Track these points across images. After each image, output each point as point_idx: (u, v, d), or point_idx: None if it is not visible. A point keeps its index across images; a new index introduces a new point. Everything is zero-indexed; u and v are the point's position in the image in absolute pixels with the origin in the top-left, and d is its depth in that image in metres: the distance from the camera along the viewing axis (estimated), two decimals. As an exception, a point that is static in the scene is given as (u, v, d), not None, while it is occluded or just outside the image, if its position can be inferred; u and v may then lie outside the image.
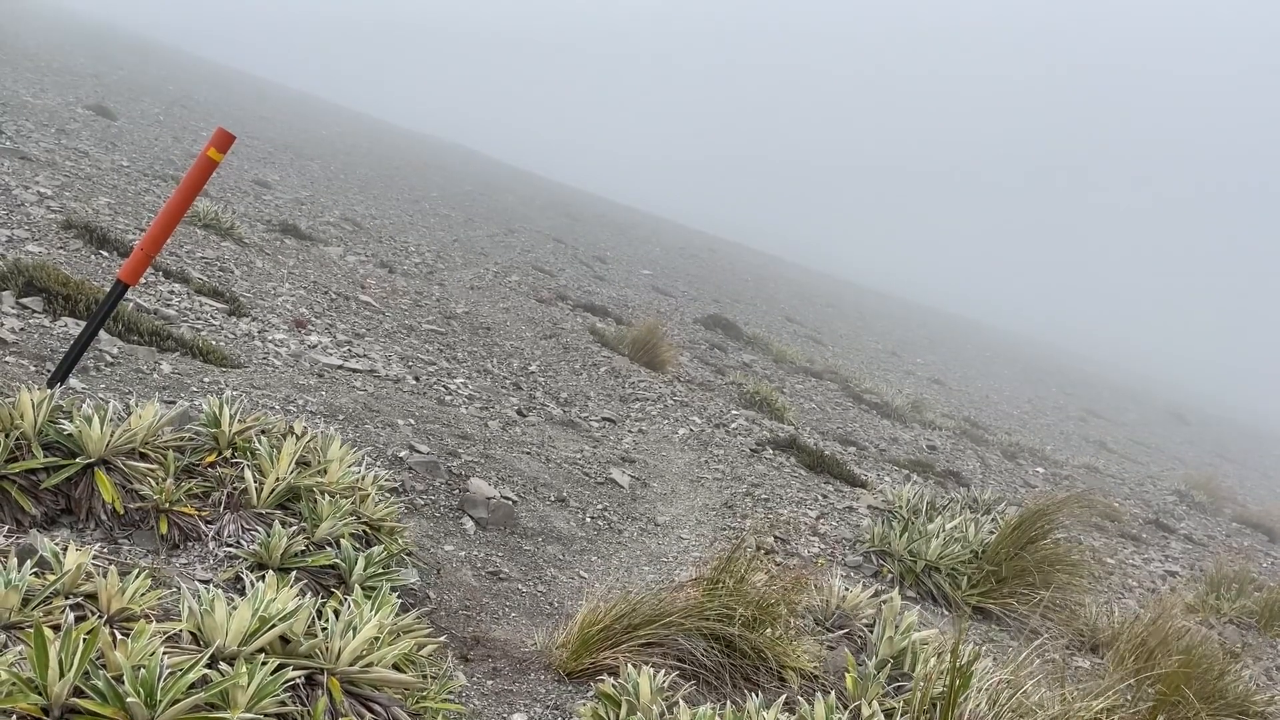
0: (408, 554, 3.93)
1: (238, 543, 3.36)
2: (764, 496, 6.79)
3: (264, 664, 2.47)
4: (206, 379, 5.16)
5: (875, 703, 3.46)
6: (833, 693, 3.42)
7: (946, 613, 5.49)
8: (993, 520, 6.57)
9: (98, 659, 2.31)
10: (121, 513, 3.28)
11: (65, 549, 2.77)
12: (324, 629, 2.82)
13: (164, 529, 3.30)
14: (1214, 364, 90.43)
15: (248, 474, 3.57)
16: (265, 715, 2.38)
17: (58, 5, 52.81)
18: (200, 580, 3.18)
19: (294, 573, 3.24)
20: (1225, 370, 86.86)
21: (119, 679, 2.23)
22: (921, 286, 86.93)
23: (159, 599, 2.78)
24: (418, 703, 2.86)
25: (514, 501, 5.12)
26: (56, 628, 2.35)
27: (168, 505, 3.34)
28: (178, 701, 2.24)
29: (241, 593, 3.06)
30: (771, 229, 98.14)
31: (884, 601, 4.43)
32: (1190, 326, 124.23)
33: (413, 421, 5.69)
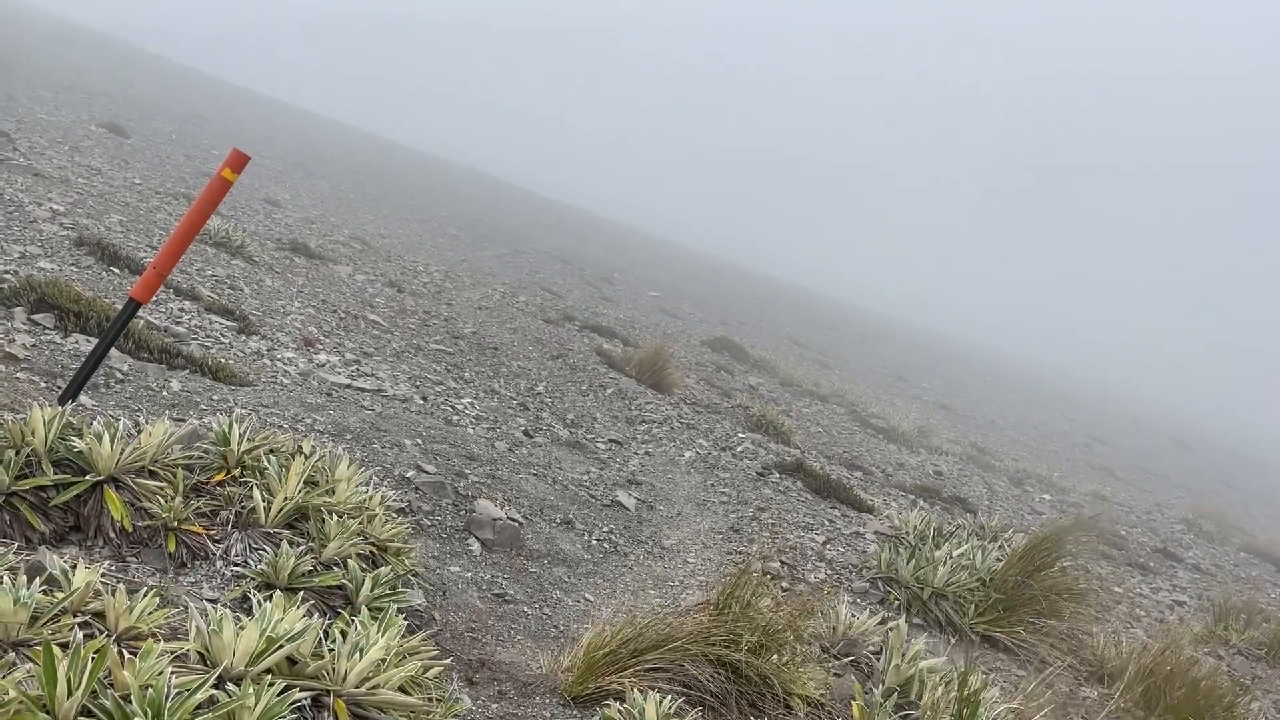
0: (414, 575, 3.92)
1: (245, 562, 3.36)
2: (770, 521, 6.77)
3: (271, 685, 2.47)
4: (215, 397, 5.17)
5: (882, 731, 3.45)
6: (839, 721, 3.40)
7: (954, 641, 5.46)
8: (1000, 547, 6.54)
9: (105, 678, 2.31)
10: (130, 530, 3.29)
11: (74, 566, 2.78)
12: (331, 650, 2.82)
13: (172, 547, 3.31)
14: (1218, 386, 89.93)
15: (256, 493, 3.58)
16: (271, 737, 2.38)
17: (30, 4, 52.23)
18: (208, 599, 3.18)
19: (301, 593, 3.24)
20: (1230, 394, 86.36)
21: (126, 698, 2.24)
22: (920, 305, 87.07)
23: (166, 618, 2.78)
24: (423, 726, 2.85)
25: (520, 523, 5.12)
26: (65, 646, 2.35)
27: (176, 524, 3.35)
28: (185, 722, 2.24)
29: (249, 612, 3.06)
30: (775, 249, 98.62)
31: (891, 629, 4.41)
32: (1194, 345, 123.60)
33: (420, 441, 5.70)
